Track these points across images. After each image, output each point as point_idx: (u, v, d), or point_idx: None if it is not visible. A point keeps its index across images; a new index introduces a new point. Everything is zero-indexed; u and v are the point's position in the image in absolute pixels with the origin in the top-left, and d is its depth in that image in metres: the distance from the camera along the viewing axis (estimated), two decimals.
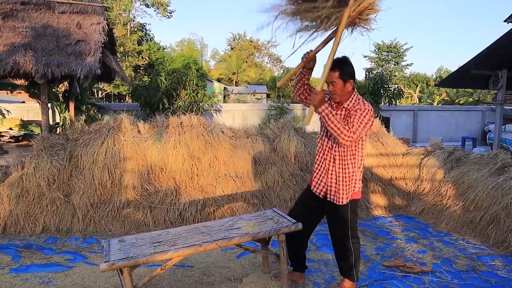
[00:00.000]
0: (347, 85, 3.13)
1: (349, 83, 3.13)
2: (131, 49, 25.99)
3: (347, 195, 3.22)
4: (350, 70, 3.16)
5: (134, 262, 2.71)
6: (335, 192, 3.24)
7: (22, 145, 9.51)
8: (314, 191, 3.36)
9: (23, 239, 4.79)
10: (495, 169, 5.50)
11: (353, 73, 3.18)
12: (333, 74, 3.11)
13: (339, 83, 3.11)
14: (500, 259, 4.29)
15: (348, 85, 3.13)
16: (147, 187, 5.45)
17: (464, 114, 16.12)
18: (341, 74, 3.10)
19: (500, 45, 8.52)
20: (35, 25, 7.77)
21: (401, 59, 42.60)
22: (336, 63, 3.11)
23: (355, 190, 3.25)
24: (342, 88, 3.13)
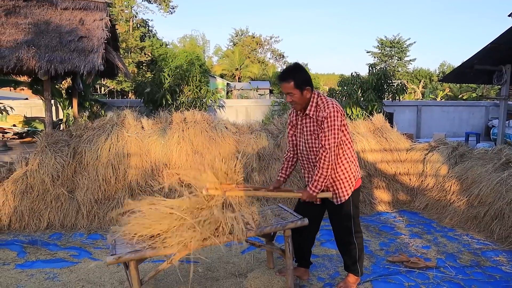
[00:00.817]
0: (305, 92, 3.09)
1: (306, 90, 3.09)
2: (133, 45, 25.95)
3: (348, 191, 3.23)
4: (304, 78, 3.10)
5: (140, 255, 2.72)
6: (334, 194, 3.25)
7: (26, 142, 9.53)
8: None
9: (28, 235, 4.82)
10: (499, 165, 5.48)
11: (308, 79, 3.12)
12: (288, 85, 3.06)
13: (296, 92, 3.07)
14: (504, 255, 4.28)
15: (306, 92, 3.09)
16: (151, 183, 5.46)
17: (467, 109, 16.06)
18: (296, 84, 3.05)
19: (504, 40, 8.46)
20: (38, 22, 7.76)
21: (404, 54, 42.44)
22: (288, 73, 3.09)
23: (355, 180, 3.25)
24: (300, 96, 3.09)
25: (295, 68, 3.13)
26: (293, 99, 3.11)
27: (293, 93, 3.07)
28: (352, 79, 11.42)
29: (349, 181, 3.22)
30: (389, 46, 42.05)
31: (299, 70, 3.12)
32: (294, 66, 3.15)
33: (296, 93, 3.07)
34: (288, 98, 3.14)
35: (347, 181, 3.21)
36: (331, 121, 3.01)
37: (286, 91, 3.10)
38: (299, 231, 3.36)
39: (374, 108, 10.57)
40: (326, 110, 3.04)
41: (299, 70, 3.11)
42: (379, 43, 42.60)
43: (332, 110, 3.03)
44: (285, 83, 3.07)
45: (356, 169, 3.27)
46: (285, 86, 3.08)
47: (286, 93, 3.12)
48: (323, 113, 3.05)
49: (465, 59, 9.88)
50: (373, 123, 6.80)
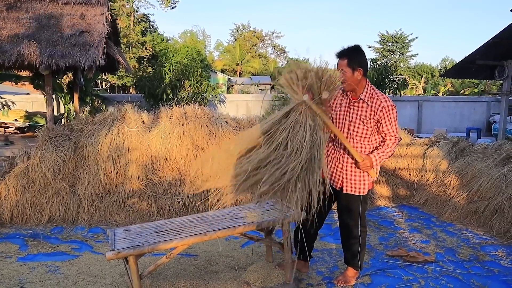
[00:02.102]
0: (356, 73, 3.10)
1: (358, 71, 3.10)
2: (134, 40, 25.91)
3: (367, 187, 3.25)
4: (359, 59, 3.13)
5: (139, 250, 2.74)
6: (354, 183, 3.25)
7: (27, 136, 9.57)
8: (330, 183, 3.34)
9: (30, 229, 4.85)
10: (499, 160, 5.49)
11: (363, 61, 3.15)
12: (341, 62, 3.12)
13: (347, 71, 3.09)
14: (503, 249, 4.30)
15: (357, 73, 3.10)
16: (151, 177, 5.49)
17: (469, 104, 16.03)
18: (349, 62, 3.09)
19: (506, 35, 8.44)
20: (39, 16, 7.77)
21: (406, 49, 42.28)
22: (345, 51, 3.13)
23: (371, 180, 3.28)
24: (351, 76, 3.10)
25: (353, 48, 3.16)
26: (344, 77, 3.11)
27: (345, 71, 3.10)
28: None
29: (369, 178, 3.25)
30: (391, 41, 41.89)
31: (356, 51, 3.15)
32: (353, 47, 3.17)
33: (348, 71, 3.10)
34: (340, 75, 3.11)
35: (368, 177, 3.24)
36: (392, 114, 3.10)
37: (340, 67, 3.13)
38: (304, 225, 3.36)
39: None
40: (388, 102, 3.10)
41: (356, 51, 3.15)
42: (380, 38, 42.45)
43: (392, 104, 3.12)
44: (340, 60, 3.13)
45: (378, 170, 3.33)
46: (339, 63, 3.14)
47: (339, 70, 3.13)
48: (383, 102, 3.09)
49: (467, 55, 9.86)
50: None
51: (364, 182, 3.23)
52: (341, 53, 3.15)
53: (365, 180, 3.23)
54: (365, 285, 3.46)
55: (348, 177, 3.24)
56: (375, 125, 3.13)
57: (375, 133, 3.17)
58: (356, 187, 3.24)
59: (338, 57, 3.16)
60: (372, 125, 3.13)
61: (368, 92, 3.16)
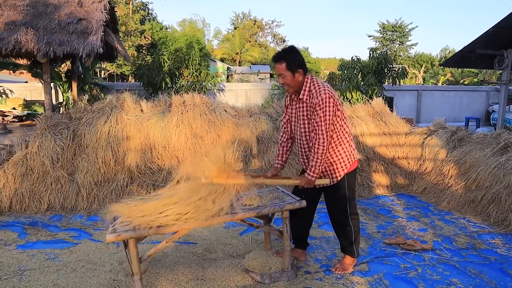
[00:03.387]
0: (297, 75, 3.08)
1: (298, 73, 3.08)
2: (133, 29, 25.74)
3: (340, 172, 3.24)
4: (297, 59, 3.09)
5: (140, 233, 2.75)
6: (327, 176, 3.27)
7: (26, 125, 9.56)
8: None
9: (29, 217, 4.86)
10: (497, 149, 5.49)
11: (301, 61, 3.11)
12: (279, 67, 3.06)
13: (288, 74, 3.07)
14: (500, 238, 4.32)
15: (298, 75, 3.08)
16: (150, 165, 5.49)
17: (468, 94, 16.01)
18: (288, 65, 3.05)
19: (506, 24, 8.40)
20: (36, 3, 7.70)
21: (406, 38, 42.08)
22: (281, 55, 3.08)
23: (350, 162, 3.27)
24: (292, 79, 3.09)
25: (289, 50, 3.12)
26: (284, 81, 3.11)
27: (285, 75, 3.07)
28: (352, 63, 11.37)
29: (342, 163, 3.23)
30: (390, 30, 41.67)
31: (292, 52, 3.11)
32: (288, 48, 3.14)
33: (288, 75, 3.07)
34: (281, 80, 3.14)
35: (340, 163, 3.23)
36: (324, 108, 3.01)
37: (278, 72, 3.10)
38: (297, 213, 3.39)
39: (374, 92, 10.56)
40: (319, 97, 3.03)
41: (292, 52, 3.11)
42: (380, 27, 42.22)
43: (324, 97, 3.02)
44: (277, 64, 3.07)
45: (351, 151, 3.28)
46: (277, 67, 3.08)
47: (278, 74, 3.12)
48: (316, 99, 3.04)
49: (467, 44, 9.82)
50: (373, 107, 6.79)
51: (331, 172, 3.25)
52: (278, 57, 3.08)
53: (331, 170, 3.24)
54: (363, 273, 3.48)
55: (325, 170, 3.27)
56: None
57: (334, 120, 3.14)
58: (332, 176, 3.26)
59: (275, 62, 3.09)
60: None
61: (307, 90, 3.12)
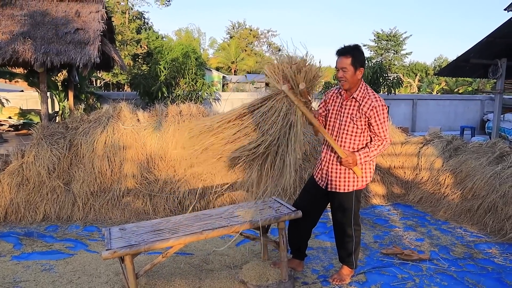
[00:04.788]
0: (357, 72, 3.11)
1: (359, 70, 3.12)
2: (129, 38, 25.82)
3: (356, 184, 3.25)
4: (361, 58, 3.14)
5: (135, 250, 2.74)
6: (339, 181, 3.26)
7: (22, 134, 9.50)
8: (319, 183, 3.38)
9: (24, 227, 4.83)
10: (493, 158, 5.53)
11: (364, 61, 3.19)
12: (345, 60, 3.09)
13: (350, 69, 3.09)
14: (497, 247, 4.33)
15: (359, 72, 3.12)
16: (146, 175, 5.47)
17: (463, 103, 16.11)
18: (353, 61, 3.08)
19: (500, 34, 8.48)
20: (34, 13, 7.73)
21: (400, 48, 42.41)
22: (349, 49, 3.11)
23: (367, 180, 3.29)
24: (353, 75, 3.11)
25: (355, 47, 3.15)
26: (345, 75, 3.10)
27: (348, 69, 3.09)
28: None
29: (364, 176, 3.25)
30: (385, 39, 42.00)
31: (358, 49, 3.14)
32: (355, 46, 3.16)
33: (350, 70, 3.09)
34: (340, 73, 3.13)
35: (361, 178, 3.24)
36: (383, 114, 3.09)
37: (341, 65, 3.11)
38: (296, 223, 3.38)
39: None
40: (378, 101, 3.09)
41: (358, 50, 3.14)
42: (375, 37, 42.55)
43: (383, 104, 3.11)
44: (343, 58, 3.09)
45: (372, 169, 3.32)
46: (342, 61, 3.10)
47: (340, 67, 3.11)
48: (374, 102, 3.08)
49: (461, 53, 9.90)
50: None
51: (349, 179, 3.24)
52: (345, 50, 3.12)
53: (349, 178, 3.24)
54: (360, 284, 3.47)
55: (333, 175, 3.27)
56: (365, 123, 3.14)
57: (365, 131, 3.18)
58: (341, 185, 3.26)
59: (341, 55, 3.12)
60: (362, 123, 3.14)
61: (362, 91, 3.16)
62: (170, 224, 3.19)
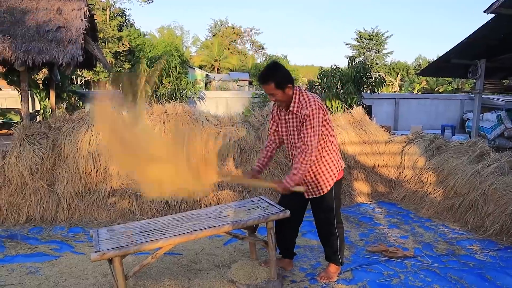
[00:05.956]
0: (287, 90, 3.10)
1: (288, 87, 3.09)
2: (111, 35, 25.47)
3: (330, 183, 3.29)
4: (283, 75, 3.10)
5: (124, 251, 2.72)
6: (316, 186, 3.32)
7: (1, 134, 9.30)
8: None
9: (7, 230, 4.74)
10: (474, 157, 5.65)
11: (287, 77, 3.12)
12: (269, 87, 3.07)
13: (278, 92, 3.08)
14: (477, 243, 4.44)
15: (288, 90, 3.10)
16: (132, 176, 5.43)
17: (443, 102, 16.40)
18: (276, 84, 3.06)
19: (480, 35, 8.66)
20: (13, 10, 7.57)
21: (382, 47, 42.94)
22: (267, 75, 3.07)
23: (338, 171, 3.32)
24: (283, 95, 3.11)
25: (273, 67, 3.14)
26: (276, 98, 3.12)
27: (275, 93, 3.09)
28: (331, 72, 11.51)
29: (331, 173, 3.28)
30: (367, 38, 42.48)
31: (277, 69, 3.12)
32: (272, 66, 3.15)
33: (278, 93, 3.09)
34: (272, 98, 3.15)
35: (329, 173, 3.28)
36: (313, 119, 3.05)
37: (267, 92, 3.12)
38: (283, 222, 3.42)
39: (353, 101, 10.70)
40: (309, 108, 3.06)
41: (277, 69, 3.12)
42: (358, 36, 42.97)
43: (313, 108, 3.05)
44: (266, 85, 3.08)
45: (338, 160, 3.34)
46: (266, 88, 3.10)
47: (268, 94, 3.13)
48: (306, 110, 3.06)
49: (440, 53, 10.09)
50: (353, 115, 6.90)
51: (319, 183, 3.29)
52: (265, 78, 3.08)
53: (320, 181, 3.29)
54: (347, 281, 3.53)
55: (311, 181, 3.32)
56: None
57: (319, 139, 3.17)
58: (315, 191, 3.33)
59: (263, 83, 3.10)
60: None
61: (296, 102, 3.15)
62: (158, 225, 3.18)
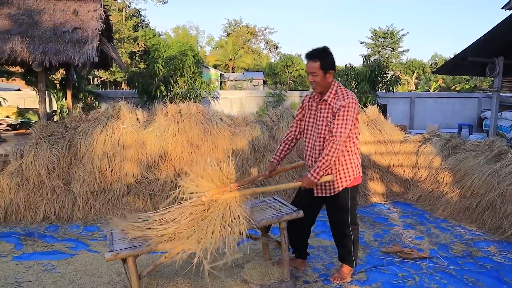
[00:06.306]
0: (328, 75, 3.12)
1: (329, 73, 3.12)
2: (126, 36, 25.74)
3: (342, 183, 3.25)
4: (331, 61, 3.13)
5: (138, 251, 2.75)
6: (329, 184, 3.28)
7: (20, 133, 9.47)
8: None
9: (24, 227, 4.83)
10: (491, 156, 5.55)
11: (333, 63, 3.16)
12: (313, 65, 3.08)
13: (319, 73, 3.09)
14: (495, 245, 4.37)
15: (329, 75, 3.12)
16: (146, 175, 5.48)
17: (460, 101, 16.15)
18: (322, 65, 3.08)
19: (497, 32, 8.52)
20: (31, 13, 7.69)
21: (397, 45, 42.47)
22: (317, 53, 3.10)
23: (354, 176, 3.29)
24: (323, 78, 3.11)
25: (324, 50, 3.15)
26: (315, 79, 3.11)
27: (317, 73, 3.09)
28: (346, 71, 11.44)
29: (346, 175, 3.25)
30: (382, 37, 42.04)
31: (327, 53, 3.14)
32: (323, 48, 3.16)
33: (320, 74, 3.09)
34: (310, 78, 3.14)
35: (344, 174, 3.25)
36: (347, 111, 3.05)
37: (310, 70, 3.11)
38: (296, 223, 3.40)
39: (368, 100, 10.62)
40: (346, 100, 3.07)
41: (327, 53, 3.14)
42: (372, 34, 42.58)
43: (351, 100, 3.07)
44: (312, 62, 3.09)
45: (358, 165, 3.31)
46: (310, 65, 3.10)
47: (309, 72, 3.12)
48: (342, 101, 3.06)
49: (457, 51, 9.96)
50: (367, 115, 6.84)
51: (337, 180, 3.25)
52: (313, 54, 3.11)
53: (345, 177, 3.25)
54: (361, 282, 3.50)
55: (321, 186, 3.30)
56: None
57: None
58: (327, 190, 3.30)
59: (309, 59, 3.12)
60: None
61: (333, 92, 3.16)
62: None
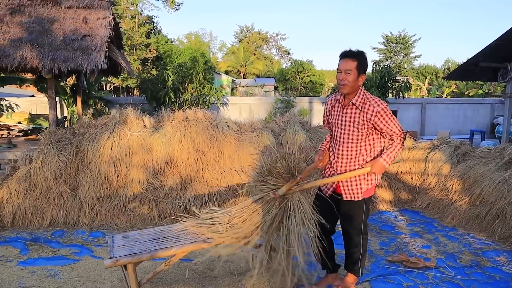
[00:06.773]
0: (360, 78, 3.09)
1: (361, 77, 3.10)
2: (139, 42, 25.98)
3: (362, 192, 3.20)
4: (365, 65, 3.13)
5: (138, 258, 2.74)
6: (351, 189, 3.22)
7: (31, 139, 9.60)
8: (324, 191, 3.34)
9: (31, 232, 4.87)
10: (502, 164, 5.45)
11: (367, 68, 3.16)
12: (350, 63, 3.05)
13: (354, 73, 3.05)
14: (505, 255, 4.27)
15: (361, 79, 3.09)
16: (152, 181, 5.49)
17: (472, 106, 15.95)
18: (358, 66, 3.05)
19: (510, 36, 8.40)
20: (42, 21, 7.82)
21: (409, 50, 42.15)
22: (355, 53, 3.09)
23: (371, 184, 3.24)
24: (355, 79, 3.07)
25: (362, 53, 3.14)
26: (347, 78, 3.06)
27: (352, 72, 3.05)
28: None
29: (368, 182, 3.22)
30: (394, 42, 41.78)
31: (364, 56, 3.13)
32: (361, 51, 3.15)
33: (354, 74, 3.05)
34: (342, 76, 3.08)
35: (366, 181, 3.21)
36: (388, 112, 3.06)
37: (346, 67, 3.06)
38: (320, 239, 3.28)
39: None
40: (380, 105, 3.06)
41: (364, 57, 3.12)
42: (384, 39, 42.36)
43: (385, 105, 3.08)
44: (349, 60, 3.06)
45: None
46: (348, 63, 3.05)
47: (344, 70, 3.07)
48: (377, 107, 3.04)
49: (470, 56, 9.83)
50: None
51: (361, 187, 3.20)
52: (351, 53, 3.09)
53: (362, 185, 3.20)
54: None
55: (345, 184, 3.22)
56: (370, 129, 3.11)
57: (369, 136, 3.15)
58: (354, 193, 3.22)
59: (346, 57, 3.08)
60: (366, 129, 3.10)
61: (360, 97, 3.13)
62: (173, 232, 3.19)
